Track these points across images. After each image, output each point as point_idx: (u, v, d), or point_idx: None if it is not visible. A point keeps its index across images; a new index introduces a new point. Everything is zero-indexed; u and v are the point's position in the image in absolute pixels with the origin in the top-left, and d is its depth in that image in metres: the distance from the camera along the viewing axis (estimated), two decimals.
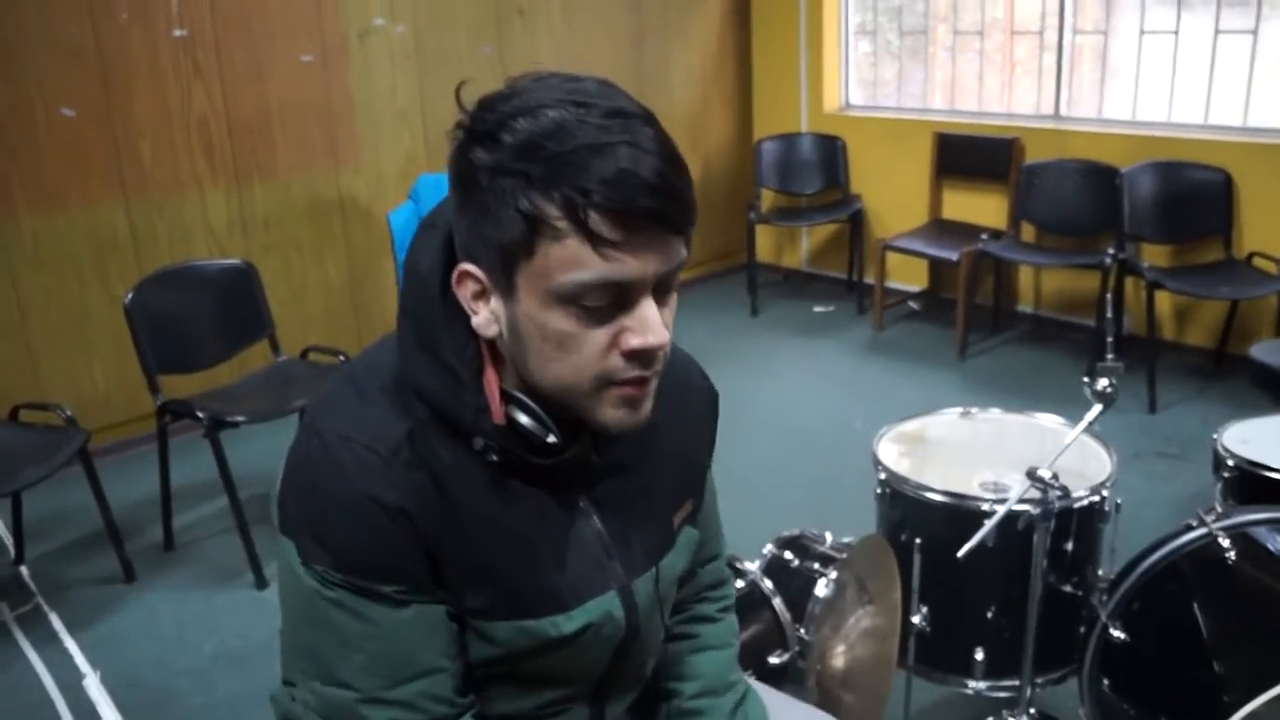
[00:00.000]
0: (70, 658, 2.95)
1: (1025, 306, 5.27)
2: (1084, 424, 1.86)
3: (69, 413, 3.26)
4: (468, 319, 1.08)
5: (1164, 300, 4.70)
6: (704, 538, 1.39)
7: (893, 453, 2.26)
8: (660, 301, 1.05)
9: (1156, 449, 3.88)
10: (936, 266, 5.46)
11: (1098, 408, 1.85)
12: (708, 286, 6.16)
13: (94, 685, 2.82)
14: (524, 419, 1.09)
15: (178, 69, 4.11)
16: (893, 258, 5.27)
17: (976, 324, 5.09)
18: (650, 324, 1.03)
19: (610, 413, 1.08)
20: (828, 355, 5.07)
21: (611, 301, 1.02)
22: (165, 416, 3.37)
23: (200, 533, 3.60)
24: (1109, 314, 1.88)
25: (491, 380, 1.09)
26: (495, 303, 1.05)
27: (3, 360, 3.89)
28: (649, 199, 0.98)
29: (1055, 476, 1.78)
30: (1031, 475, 1.78)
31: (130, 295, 3.29)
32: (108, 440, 4.05)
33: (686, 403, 1.31)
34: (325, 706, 1.13)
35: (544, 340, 1.04)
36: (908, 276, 5.58)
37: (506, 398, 1.09)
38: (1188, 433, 3.97)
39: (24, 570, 3.41)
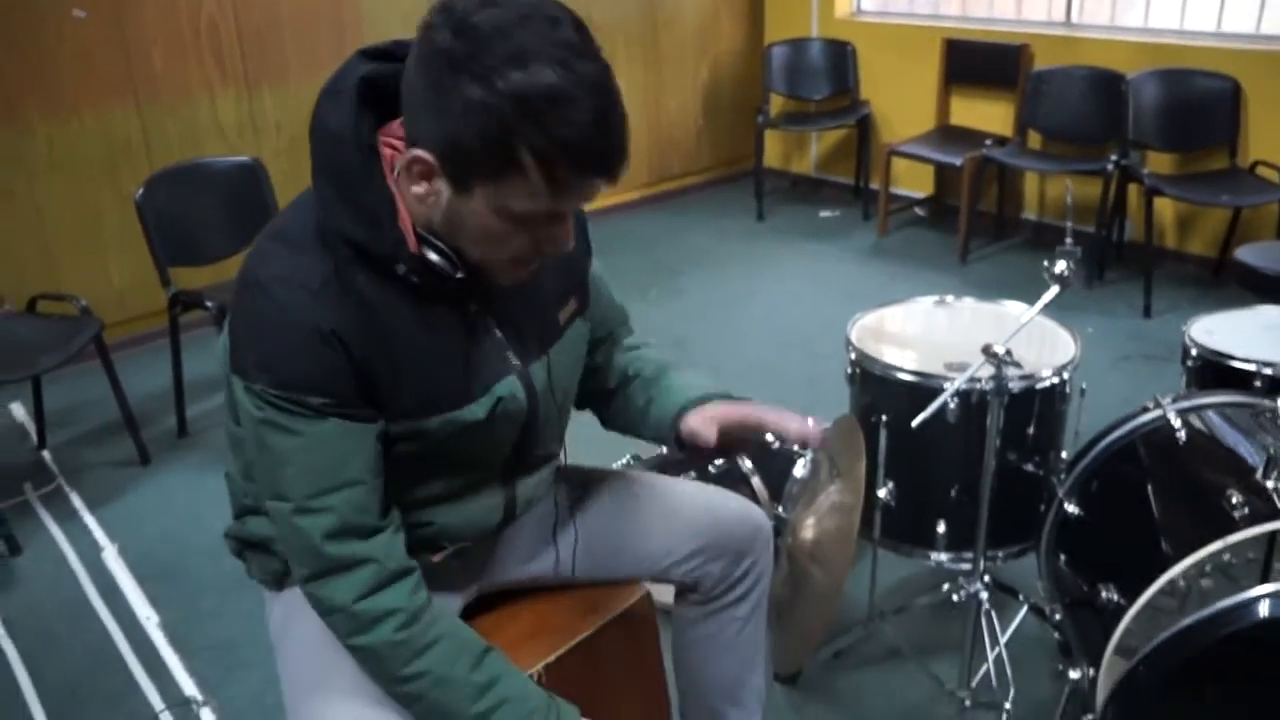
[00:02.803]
0: (90, 532, 3.11)
1: (1029, 214, 5.30)
2: (1040, 304, 1.93)
3: (84, 303, 3.38)
4: (380, 171, 1.25)
5: (1167, 209, 4.73)
6: (599, 318, 1.62)
7: (867, 337, 2.34)
8: None
9: (1146, 352, 3.95)
10: (943, 173, 5.48)
11: (1054, 289, 1.92)
12: (715, 192, 6.21)
13: (112, 556, 2.98)
14: (434, 256, 1.26)
15: None
16: (899, 164, 5.29)
17: (980, 230, 5.13)
18: (567, 237, 1.27)
19: (507, 276, 1.31)
20: (831, 260, 5.13)
21: (545, 221, 1.23)
22: (176, 306, 3.49)
23: (212, 420, 3.73)
24: (1069, 200, 1.94)
25: (405, 219, 1.26)
26: (440, 186, 1.21)
27: (21, 259, 4.01)
28: (611, 166, 1.18)
29: (1009, 353, 1.85)
30: (986, 351, 1.86)
31: (140, 191, 3.38)
32: (123, 335, 4.18)
33: None
34: (276, 521, 1.32)
35: (478, 232, 1.23)
36: (914, 183, 5.60)
37: (419, 239, 1.26)
38: (1179, 337, 4.00)
39: (46, 455, 3.56)
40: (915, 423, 1.83)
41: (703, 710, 1.80)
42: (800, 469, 2.52)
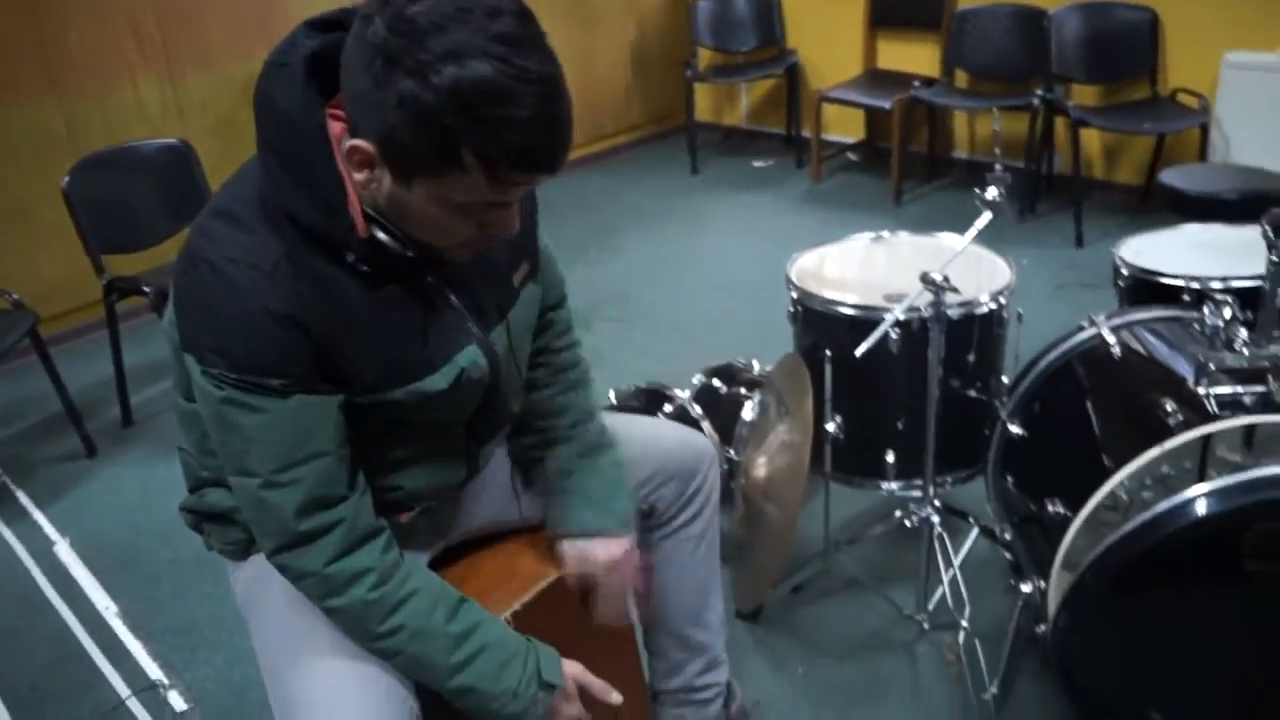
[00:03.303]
0: (40, 529, 3.07)
1: (960, 152, 5.37)
2: (974, 230, 1.97)
3: (16, 296, 3.32)
4: (330, 152, 1.21)
5: (1093, 140, 4.82)
6: (548, 285, 1.63)
7: (807, 276, 2.37)
8: None
9: (1080, 280, 4.04)
10: (873, 117, 5.53)
11: (987, 215, 1.96)
12: (647, 148, 6.22)
13: (64, 550, 2.94)
14: (385, 237, 1.25)
15: None
16: (829, 110, 5.33)
17: (912, 172, 5.19)
18: (512, 220, 1.26)
19: (455, 255, 1.31)
20: (766, 208, 5.16)
21: (488, 208, 1.22)
22: (112, 294, 3.44)
23: (158, 407, 3.69)
24: (995, 127, 1.98)
25: (354, 204, 1.23)
26: (381, 174, 1.19)
27: None
28: (553, 160, 1.16)
29: (947, 279, 1.89)
30: (924, 279, 1.90)
31: (67, 178, 3.31)
32: (59, 328, 4.11)
33: None
34: (241, 496, 1.32)
35: (422, 219, 1.22)
36: (845, 129, 5.65)
37: (368, 218, 1.24)
38: (1111, 265, 4.11)
39: None
40: (859, 351, 1.86)
41: (668, 636, 1.84)
42: (749, 411, 2.56)
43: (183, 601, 2.68)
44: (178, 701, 2.35)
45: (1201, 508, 1.73)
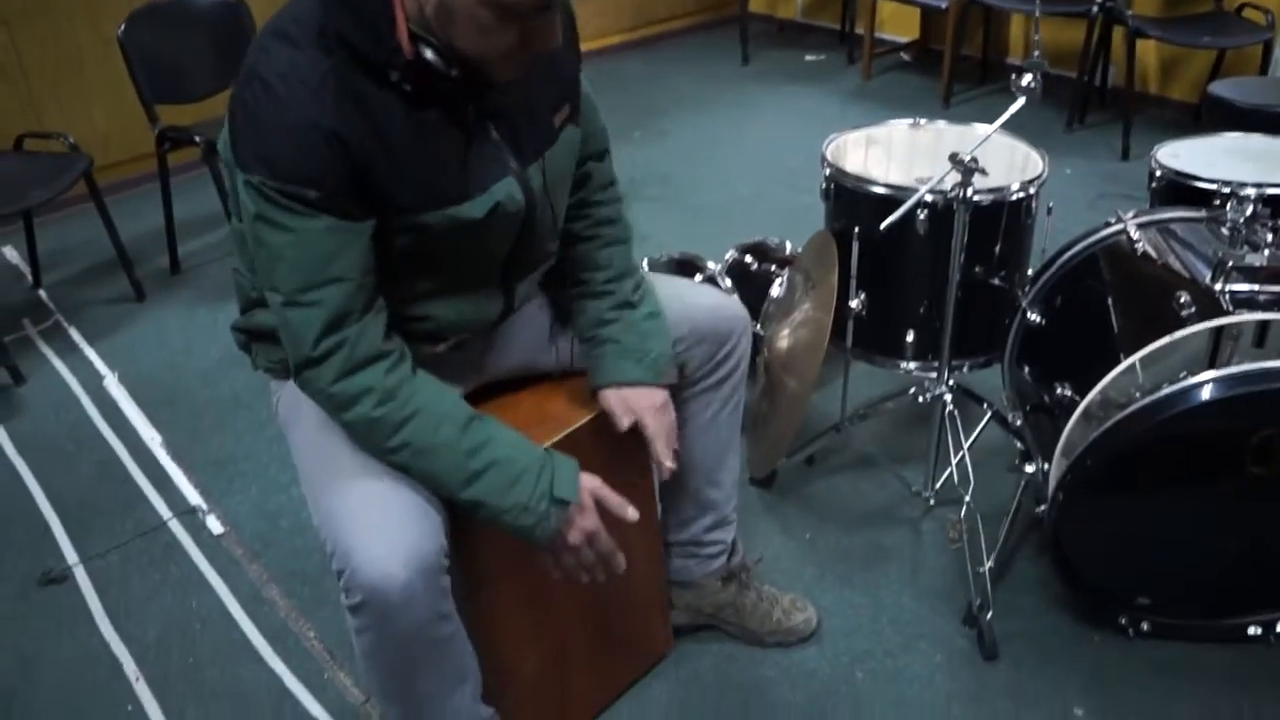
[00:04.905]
0: (90, 363, 3.20)
1: (1014, 59, 5.29)
2: (1005, 115, 1.99)
3: (72, 139, 3.41)
4: None
5: (1150, 53, 4.73)
6: (589, 133, 1.67)
7: (842, 155, 2.40)
8: None
9: (1122, 192, 4.02)
10: (928, 17, 5.46)
11: (1020, 100, 1.98)
12: (700, 36, 6.18)
13: (113, 384, 3.08)
14: (431, 55, 1.30)
15: None
16: (885, 8, 5.27)
17: (964, 75, 5.14)
18: (553, 32, 1.32)
19: (500, 72, 1.35)
20: (814, 102, 5.14)
21: (532, 11, 1.27)
22: (165, 143, 3.51)
23: (204, 258, 3.81)
24: (1036, 15, 1.99)
25: (402, 28, 1.28)
26: None
27: (4, 103, 4.00)
28: None
29: (975, 160, 1.92)
30: (953, 159, 1.93)
31: (123, 27, 3.37)
32: (110, 179, 4.20)
33: None
34: (272, 312, 1.41)
35: (468, 25, 1.27)
36: (900, 28, 5.57)
37: (415, 38, 1.29)
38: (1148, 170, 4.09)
39: (43, 293, 3.64)
40: (884, 225, 1.90)
41: (683, 491, 1.93)
42: (776, 288, 2.61)
43: (221, 437, 2.81)
44: (215, 525, 2.49)
45: (1205, 393, 1.78)
